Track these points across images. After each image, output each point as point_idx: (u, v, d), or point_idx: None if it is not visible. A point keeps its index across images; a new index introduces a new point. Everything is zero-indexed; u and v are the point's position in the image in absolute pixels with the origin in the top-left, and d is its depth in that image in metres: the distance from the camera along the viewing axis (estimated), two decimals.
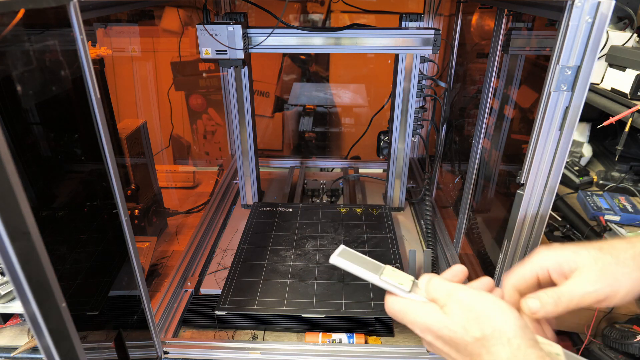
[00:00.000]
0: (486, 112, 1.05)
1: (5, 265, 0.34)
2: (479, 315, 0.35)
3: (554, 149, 0.58)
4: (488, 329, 0.34)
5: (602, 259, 0.37)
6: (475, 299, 0.36)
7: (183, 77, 1.68)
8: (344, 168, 1.53)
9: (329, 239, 1.00)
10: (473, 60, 1.50)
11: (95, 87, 0.50)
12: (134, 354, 0.72)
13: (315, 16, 1.78)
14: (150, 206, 1.08)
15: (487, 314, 0.35)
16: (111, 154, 0.54)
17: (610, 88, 0.84)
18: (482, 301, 0.36)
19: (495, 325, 0.34)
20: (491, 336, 0.34)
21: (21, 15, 0.39)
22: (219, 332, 0.83)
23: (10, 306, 0.79)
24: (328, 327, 0.82)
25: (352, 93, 1.88)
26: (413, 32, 0.97)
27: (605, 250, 0.38)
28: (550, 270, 0.40)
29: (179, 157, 1.71)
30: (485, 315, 0.35)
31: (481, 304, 0.36)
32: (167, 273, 0.97)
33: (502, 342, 0.33)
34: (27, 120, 0.64)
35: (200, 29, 0.89)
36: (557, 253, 0.40)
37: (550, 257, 0.40)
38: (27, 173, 0.63)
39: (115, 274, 0.72)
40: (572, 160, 1.08)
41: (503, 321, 0.34)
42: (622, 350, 0.80)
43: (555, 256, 0.40)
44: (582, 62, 0.52)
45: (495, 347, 0.33)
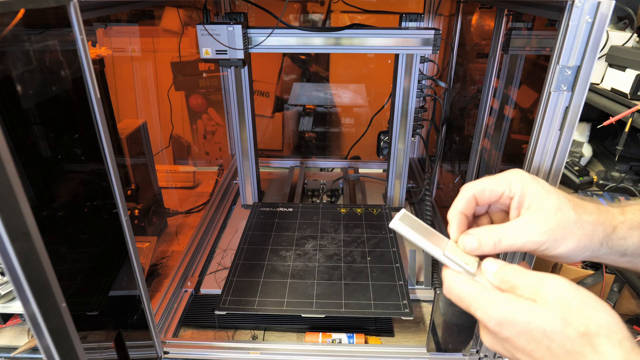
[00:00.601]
0: (486, 112, 1.05)
1: (5, 265, 0.34)
2: (583, 308, 0.30)
3: (554, 149, 0.58)
4: (593, 325, 0.29)
5: (565, 213, 0.35)
6: (576, 291, 0.31)
7: (183, 77, 1.68)
8: (344, 168, 1.53)
9: (329, 239, 1.00)
10: (473, 60, 1.50)
11: (95, 87, 0.50)
12: (134, 354, 0.72)
13: (315, 16, 1.78)
14: (150, 206, 1.08)
15: (591, 309, 0.30)
16: (111, 154, 0.54)
17: (610, 88, 0.84)
18: (584, 295, 0.31)
19: (602, 323, 0.29)
20: (597, 333, 0.29)
21: (21, 15, 0.39)
22: (219, 332, 0.83)
23: (10, 306, 0.79)
24: (328, 327, 0.82)
25: (352, 93, 1.88)
26: (413, 32, 0.97)
27: (575, 205, 0.36)
28: (516, 196, 0.37)
29: (179, 157, 1.71)
30: (589, 309, 0.30)
31: (583, 297, 0.31)
32: (167, 273, 0.97)
33: (612, 341, 0.29)
34: (27, 120, 0.64)
35: (200, 29, 0.89)
36: (530, 183, 0.37)
37: (520, 183, 0.37)
38: (27, 173, 0.64)
39: (115, 274, 0.72)
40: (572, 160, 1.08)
41: (611, 320, 0.29)
42: None
43: (526, 184, 0.37)
44: (582, 62, 0.52)
45: (604, 346, 0.28)
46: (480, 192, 0.38)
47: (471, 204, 0.39)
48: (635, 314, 0.86)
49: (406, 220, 0.39)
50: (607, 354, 0.28)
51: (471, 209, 0.39)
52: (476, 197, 0.39)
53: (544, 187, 0.36)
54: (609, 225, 0.36)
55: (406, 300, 0.79)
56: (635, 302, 0.85)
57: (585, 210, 0.36)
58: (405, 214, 0.40)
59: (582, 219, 0.35)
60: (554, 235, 0.34)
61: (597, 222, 0.36)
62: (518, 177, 0.37)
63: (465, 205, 0.39)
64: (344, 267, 0.90)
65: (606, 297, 0.84)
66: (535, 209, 0.36)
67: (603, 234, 0.36)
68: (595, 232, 0.36)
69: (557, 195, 0.36)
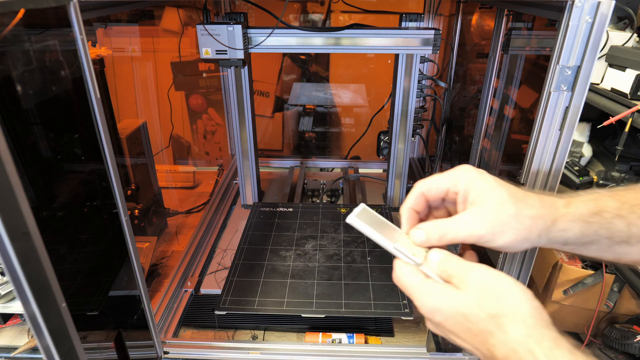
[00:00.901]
0: (486, 112, 1.05)
1: (6, 265, 0.34)
2: (495, 292, 0.34)
3: (554, 149, 0.58)
4: (503, 307, 0.34)
5: (504, 208, 0.37)
6: (493, 277, 0.35)
7: (183, 77, 1.68)
8: (344, 168, 1.53)
9: (329, 239, 1.00)
10: (473, 60, 1.50)
11: (95, 87, 0.50)
12: (134, 354, 0.72)
13: (315, 16, 1.78)
14: (150, 206, 1.08)
15: (503, 292, 0.34)
16: (111, 154, 0.54)
17: (610, 88, 0.84)
18: (499, 280, 0.35)
19: (511, 304, 0.34)
20: (507, 314, 0.33)
21: (21, 15, 0.39)
22: (219, 332, 0.83)
23: (10, 306, 0.79)
24: (328, 327, 0.82)
25: (352, 93, 1.88)
26: (413, 32, 0.97)
27: (516, 200, 0.38)
28: (461, 192, 0.39)
29: (179, 157, 1.71)
30: (501, 293, 0.34)
31: (498, 282, 0.35)
32: (167, 273, 0.97)
33: (516, 321, 0.33)
34: (27, 120, 0.64)
35: (200, 29, 0.89)
36: (475, 179, 0.39)
37: (465, 180, 0.39)
38: (28, 173, 0.64)
39: (115, 274, 0.72)
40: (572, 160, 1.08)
41: (519, 301, 0.34)
42: (622, 350, 0.80)
43: (470, 181, 0.39)
44: (582, 62, 0.52)
45: (510, 325, 0.33)
46: (427, 189, 0.41)
47: (420, 200, 0.42)
48: (636, 314, 0.86)
49: (363, 216, 0.42)
50: (510, 332, 0.32)
51: (420, 204, 0.42)
52: (424, 194, 0.42)
53: (487, 182, 0.38)
54: (549, 218, 0.38)
55: (406, 300, 0.79)
56: (635, 302, 0.85)
57: (526, 204, 0.38)
58: (363, 209, 0.42)
59: (521, 213, 0.37)
60: (492, 229, 0.37)
61: (536, 216, 0.38)
62: (464, 174, 0.40)
63: (414, 201, 0.42)
64: (344, 267, 0.90)
65: (606, 297, 0.84)
66: (478, 204, 0.38)
67: (542, 226, 0.38)
68: (534, 225, 0.38)
69: (500, 190, 0.38)
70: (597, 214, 0.38)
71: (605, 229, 0.38)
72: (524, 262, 0.67)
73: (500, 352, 0.33)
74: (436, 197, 0.42)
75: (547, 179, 0.60)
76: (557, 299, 0.87)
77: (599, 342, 0.86)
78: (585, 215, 0.38)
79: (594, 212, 0.38)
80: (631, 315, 0.86)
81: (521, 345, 0.32)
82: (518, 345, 0.32)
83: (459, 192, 0.40)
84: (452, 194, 0.40)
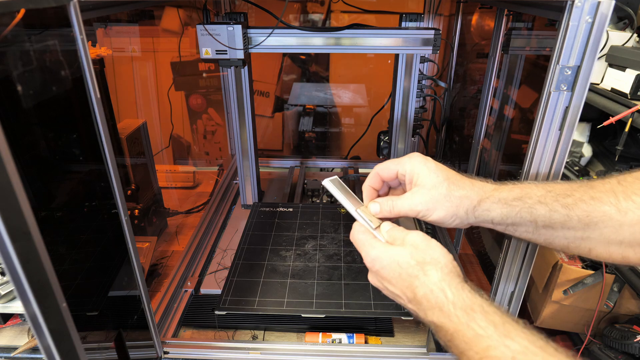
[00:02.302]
0: (486, 112, 1.05)
1: (6, 265, 0.34)
2: (424, 248, 0.44)
3: (554, 149, 0.58)
4: (428, 257, 0.43)
5: (438, 189, 0.46)
6: (424, 239, 0.44)
7: (183, 77, 1.68)
8: (344, 168, 1.53)
9: (329, 239, 1.00)
10: (473, 60, 1.50)
11: (95, 87, 0.50)
12: (134, 354, 0.72)
13: (315, 16, 1.78)
14: (150, 206, 1.08)
15: (429, 248, 0.44)
16: (111, 154, 0.54)
17: (610, 88, 0.84)
18: (429, 242, 0.44)
19: (434, 256, 0.43)
20: (429, 262, 0.42)
21: (21, 16, 0.39)
22: (219, 332, 0.83)
23: (11, 306, 0.79)
24: (328, 327, 0.82)
25: (352, 93, 1.88)
26: (413, 32, 0.97)
27: (449, 182, 0.46)
28: (407, 175, 0.49)
29: (179, 157, 1.71)
30: (428, 249, 0.44)
31: (427, 243, 0.44)
32: (167, 273, 0.97)
33: (436, 267, 0.42)
34: (27, 120, 0.64)
35: (200, 29, 0.89)
36: (418, 164, 0.48)
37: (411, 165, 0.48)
38: (28, 173, 0.63)
39: (115, 274, 0.72)
40: (572, 160, 1.08)
41: (440, 255, 0.43)
42: (622, 350, 0.80)
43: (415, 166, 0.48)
44: (582, 62, 0.52)
45: (431, 270, 0.42)
46: (381, 170, 0.51)
47: (377, 179, 0.51)
48: (636, 314, 0.86)
49: (336, 184, 0.53)
50: (430, 275, 0.42)
51: (377, 183, 0.52)
52: (379, 174, 0.51)
53: (428, 168, 0.47)
54: (475, 199, 0.46)
55: None
56: (635, 302, 0.85)
57: (457, 186, 0.46)
58: (336, 179, 0.53)
59: (451, 194, 0.46)
60: (427, 205, 0.46)
61: (464, 196, 0.46)
62: (410, 160, 0.49)
63: (372, 180, 0.52)
64: (344, 267, 0.90)
65: (606, 297, 0.84)
66: (418, 185, 0.47)
67: (468, 205, 0.46)
68: (461, 204, 0.46)
69: (437, 174, 0.47)
70: (519, 199, 0.45)
71: (527, 212, 0.45)
72: (524, 262, 0.67)
73: (421, 292, 0.41)
74: (389, 177, 0.51)
75: (547, 179, 0.60)
76: (557, 299, 0.87)
77: (599, 342, 0.86)
78: (509, 199, 0.45)
79: (517, 197, 0.45)
80: (631, 315, 0.86)
81: (436, 286, 0.41)
82: (434, 286, 0.41)
83: (406, 175, 0.48)
84: (402, 176, 0.49)
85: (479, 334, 0.36)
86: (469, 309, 0.38)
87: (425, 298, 0.41)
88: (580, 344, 0.90)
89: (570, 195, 0.43)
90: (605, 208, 0.42)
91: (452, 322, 0.39)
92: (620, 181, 0.43)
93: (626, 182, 0.42)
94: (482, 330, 0.36)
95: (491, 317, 0.37)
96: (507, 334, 0.36)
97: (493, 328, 0.36)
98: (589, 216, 0.42)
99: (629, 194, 0.41)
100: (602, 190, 0.43)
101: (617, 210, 0.41)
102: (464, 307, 0.38)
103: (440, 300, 0.40)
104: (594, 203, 0.42)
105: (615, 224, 0.41)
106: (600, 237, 0.43)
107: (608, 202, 0.42)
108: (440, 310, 0.40)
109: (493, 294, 0.72)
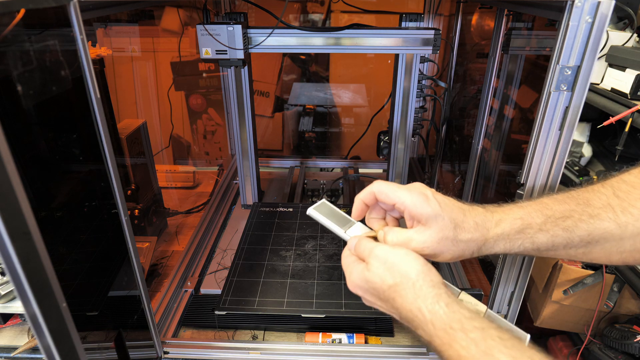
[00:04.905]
0: (486, 112, 1.05)
1: (6, 265, 0.34)
2: (391, 266, 0.43)
3: (554, 149, 0.58)
4: (397, 277, 0.42)
5: (445, 233, 0.44)
6: (389, 253, 0.44)
7: (183, 77, 1.68)
8: (344, 168, 1.53)
9: (328, 239, 1.00)
10: (473, 60, 1.50)
11: (95, 87, 0.50)
12: (134, 354, 0.72)
13: (315, 16, 1.78)
14: (150, 206, 1.08)
15: (396, 265, 0.42)
16: (111, 154, 0.54)
17: (610, 88, 0.84)
18: (394, 254, 0.43)
19: (402, 273, 0.42)
20: (400, 283, 0.42)
21: (21, 16, 0.39)
22: (219, 332, 0.83)
23: (11, 306, 0.79)
24: (328, 327, 0.82)
25: (352, 93, 1.88)
26: (413, 32, 0.96)
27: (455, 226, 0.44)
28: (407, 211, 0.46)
29: (179, 157, 1.71)
30: (395, 265, 0.43)
31: (392, 257, 0.43)
32: (167, 273, 0.97)
33: (408, 286, 0.41)
34: (28, 120, 0.64)
35: (200, 29, 0.89)
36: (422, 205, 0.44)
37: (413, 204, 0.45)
38: (28, 173, 0.63)
39: (115, 274, 0.72)
40: (572, 160, 1.08)
41: (409, 268, 0.42)
42: (622, 350, 0.80)
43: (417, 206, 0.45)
44: (582, 62, 0.52)
45: (404, 291, 0.41)
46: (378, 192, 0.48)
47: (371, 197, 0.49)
48: (635, 314, 0.86)
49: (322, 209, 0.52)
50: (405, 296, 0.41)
51: (370, 200, 0.49)
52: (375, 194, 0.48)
53: (433, 209, 0.44)
54: (480, 240, 0.45)
55: None
56: (635, 302, 0.85)
57: (462, 230, 0.44)
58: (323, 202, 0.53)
59: (457, 238, 0.44)
60: (434, 250, 0.44)
61: (470, 240, 0.45)
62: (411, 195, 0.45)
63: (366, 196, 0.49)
64: None
65: (606, 297, 0.84)
66: (425, 225, 0.45)
67: (474, 247, 0.45)
68: (468, 247, 0.45)
69: (442, 217, 0.44)
70: (521, 231, 0.45)
71: (530, 242, 0.45)
72: (524, 262, 0.67)
73: (403, 313, 0.42)
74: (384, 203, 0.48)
75: (547, 179, 0.60)
76: (557, 299, 0.87)
77: (599, 342, 0.86)
78: (511, 234, 0.45)
79: (519, 231, 0.45)
80: (631, 315, 0.86)
81: (413, 306, 0.40)
82: (411, 306, 0.41)
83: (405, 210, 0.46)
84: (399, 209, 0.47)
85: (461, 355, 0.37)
86: (448, 328, 0.38)
87: (407, 319, 0.41)
88: (580, 344, 0.90)
89: (570, 217, 0.44)
90: (605, 225, 0.42)
91: (435, 342, 0.39)
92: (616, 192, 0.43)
93: (622, 193, 0.42)
94: (464, 350, 0.37)
95: (472, 335, 0.37)
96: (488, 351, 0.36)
97: (474, 347, 0.36)
98: (591, 235, 0.43)
99: (626, 207, 0.42)
100: (599, 207, 0.43)
101: (617, 226, 0.42)
102: (443, 326, 0.38)
103: (420, 321, 0.40)
104: (593, 222, 0.43)
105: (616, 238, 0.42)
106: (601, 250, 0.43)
107: (607, 218, 0.42)
108: (423, 330, 0.40)
109: (493, 294, 0.72)
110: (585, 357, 0.88)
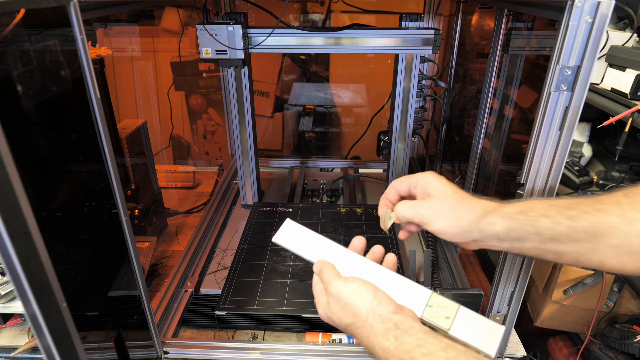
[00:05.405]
0: (486, 112, 1.05)
1: (6, 265, 0.34)
2: (344, 305, 0.46)
3: (554, 149, 0.58)
4: (351, 317, 0.46)
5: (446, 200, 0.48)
6: (341, 290, 0.47)
7: (183, 77, 1.69)
8: (344, 168, 1.53)
9: (328, 238, 1.00)
10: (473, 60, 1.50)
11: (95, 87, 0.50)
12: (134, 354, 0.72)
13: (315, 16, 1.78)
14: (150, 206, 1.08)
15: (349, 304, 0.46)
16: (111, 154, 0.54)
17: (610, 88, 0.84)
18: (345, 291, 0.47)
19: (354, 312, 0.45)
20: (354, 323, 0.45)
21: (21, 16, 0.39)
22: (219, 332, 0.83)
23: (11, 306, 0.79)
24: (328, 327, 0.81)
25: (352, 93, 1.88)
26: (413, 32, 0.97)
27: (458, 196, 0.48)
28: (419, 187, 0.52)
29: (179, 157, 1.71)
30: (348, 305, 0.46)
31: (344, 294, 0.47)
32: (167, 273, 0.97)
33: (360, 325, 0.45)
34: (28, 120, 0.64)
35: (200, 29, 0.89)
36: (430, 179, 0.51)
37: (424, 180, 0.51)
38: (28, 173, 0.63)
39: (115, 274, 0.72)
40: (572, 160, 1.08)
41: (359, 308, 0.45)
42: (622, 350, 0.80)
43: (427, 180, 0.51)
44: (582, 62, 0.52)
45: (358, 330, 0.45)
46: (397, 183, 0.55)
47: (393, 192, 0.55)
48: (635, 314, 0.86)
49: (289, 232, 0.57)
50: (360, 336, 0.45)
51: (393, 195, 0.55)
52: (395, 187, 0.55)
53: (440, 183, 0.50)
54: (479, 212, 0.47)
55: None
56: (635, 302, 0.86)
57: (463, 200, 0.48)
58: (287, 223, 0.57)
59: (457, 206, 0.48)
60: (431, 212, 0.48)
61: (468, 209, 0.47)
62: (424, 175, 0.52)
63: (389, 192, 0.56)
64: None
65: (606, 297, 0.84)
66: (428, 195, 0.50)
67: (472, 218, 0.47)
68: (465, 216, 0.47)
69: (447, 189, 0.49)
70: (522, 212, 0.45)
71: (531, 225, 0.44)
72: (524, 262, 0.67)
73: (366, 349, 0.45)
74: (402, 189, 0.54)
75: (547, 179, 0.60)
76: (557, 299, 0.87)
77: (599, 342, 0.86)
78: (512, 213, 0.46)
79: (520, 211, 0.46)
80: (631, 315, 0.86)
81: (368, 344, 0.44)
82: (367, 343, 0.44)
83: (418, 186, 0.52)
84: (414, 188, 0.52)
85: None
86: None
87: (371, 354, 0.44)
88: (580, 344, 0.90)
89: (574, 208, 0.43)
90: (610, 219, 0.41)
91: None
92: (627, 194, 0.42)
93: (632, 194, 0.42)
94: None
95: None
96: None
97: None
98: (595, 227, 0.42)
99: (634, 205, 0.41)
100: (606, 202, 0.42)
101: (624, 221, 0.41)
102: None
103: (380, 356, 0.42)
104: (598, 214, 0.42)
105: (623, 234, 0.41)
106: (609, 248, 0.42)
107: (613, 212, 0.41)
108: None
109: (493, 294, 0.72)
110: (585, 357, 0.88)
